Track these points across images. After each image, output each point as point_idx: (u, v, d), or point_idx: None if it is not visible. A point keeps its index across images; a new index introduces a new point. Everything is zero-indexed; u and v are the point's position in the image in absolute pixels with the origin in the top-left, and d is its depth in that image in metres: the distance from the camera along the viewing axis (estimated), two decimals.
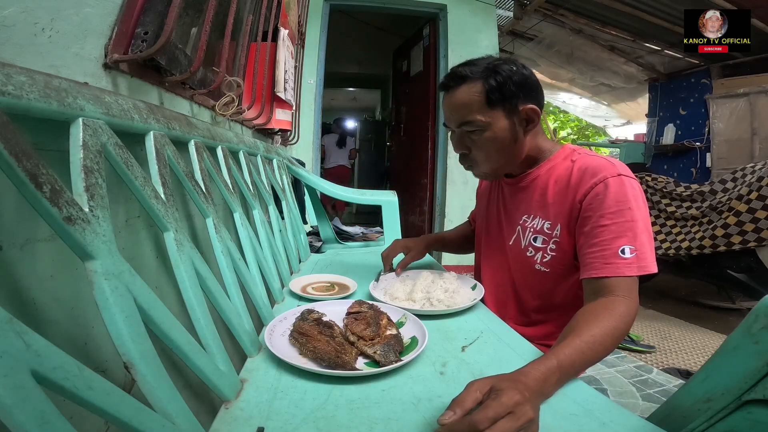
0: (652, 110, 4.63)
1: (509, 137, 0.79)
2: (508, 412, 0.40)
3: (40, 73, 0.35)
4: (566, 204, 0.77)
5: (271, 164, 1.31)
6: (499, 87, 0.76)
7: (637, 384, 1.70)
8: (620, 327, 0.61)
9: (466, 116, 0.78)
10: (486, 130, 0.78)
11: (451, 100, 0.80)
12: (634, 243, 0.68)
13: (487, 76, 0.76)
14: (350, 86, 7.04)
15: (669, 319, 2.47)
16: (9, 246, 0.36)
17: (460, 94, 0.78)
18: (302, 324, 0.63)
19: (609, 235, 0.70)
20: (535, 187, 0.84)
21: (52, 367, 0.27)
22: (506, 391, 0.42)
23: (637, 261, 0.68)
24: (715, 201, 2.23)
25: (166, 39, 0.59)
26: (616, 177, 0.72)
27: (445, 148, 3.20)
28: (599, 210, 0.72)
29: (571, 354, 0.54)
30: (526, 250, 0.85)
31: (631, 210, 0.70)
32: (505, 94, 0.76)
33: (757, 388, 0.37)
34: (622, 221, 0.70)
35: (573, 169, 0.78)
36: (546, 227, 0.81)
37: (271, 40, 1.24)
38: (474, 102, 0.77)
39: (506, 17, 3.78)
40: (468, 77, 0.77)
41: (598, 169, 0.74)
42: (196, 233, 0.72)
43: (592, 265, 0.70)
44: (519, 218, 0.87)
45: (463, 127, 0.80)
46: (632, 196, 0.71)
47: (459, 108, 0.79)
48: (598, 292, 0.68)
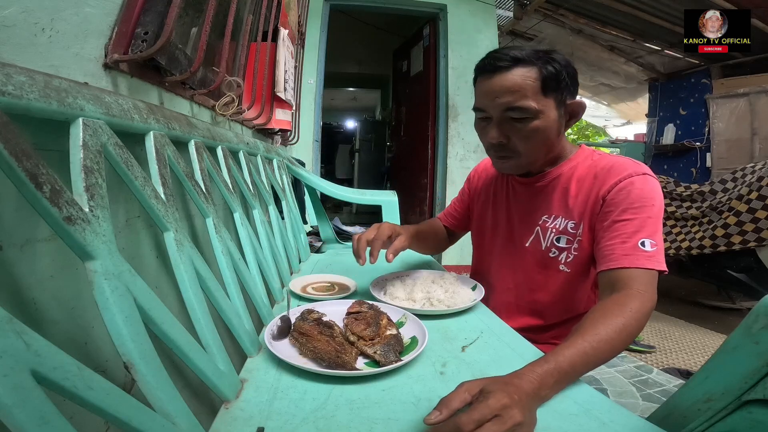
0: (652, 110, 4.63)
1: (555, 129, 0.76)
2: (495, 415, 0.40)
3: (40, 73, 0.35)
4: (590, 201, 0.76)
5: (271, 164, 1.31)
6: (556, 75, 0.72)
7: (637, 384, 1.70)
8: (631, 325, 0.58)
9: (518, 100, 0.71)
10: (536, 118, 0.72)
11: (502, 81, 0.72)
12: (654, 237, 0.68)
13: (545, 62, 0.72)
14: (350, 86, 7.04)
15: (669, 319, 2.47)
16: (9, 246, 0.36)
17: (514, 76, 0.71)
18: (302, 324, 0.63)
19: (630, 229, 0.69)
20: (555, 186, 0.82)
21: (52, 367, 0.27)
22: (494, 394, 0.42)
23: (656, 255, 0.67)
24: (715, 201, 2.23)
25: (166, 39, 0.59)
26: (641, 175, 0.73)
27: (445, 148, 3.20)
28: (623, 204, 0.71)
29: (571, 356, 0.52)
30: (549, 251, 0.82)
31: (654, 207, 0.70)
32: (560, 84, 0.73)
33: (757, 388, 0.37)
34: (644, 216, 0.70)
35: (597, 167, 0.78)
36: (570, 227, 0.79)
37: (271, 40, 1.24)
38: (528, 87, 0.71)
39: (506, 17, 3.78)
40: (523, 60, 0.71)
41: (625, 166, 0.74)
42: (196, 233, 0.72)
43: (611, 256, 0.69)
44: (537, 219, 0.84)
45: (510, 113, 0.73)
46: (657, 195, 0.71)
47: (509, 91, 0.72)
48: (614, 286, 0.66)
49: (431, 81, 3.27)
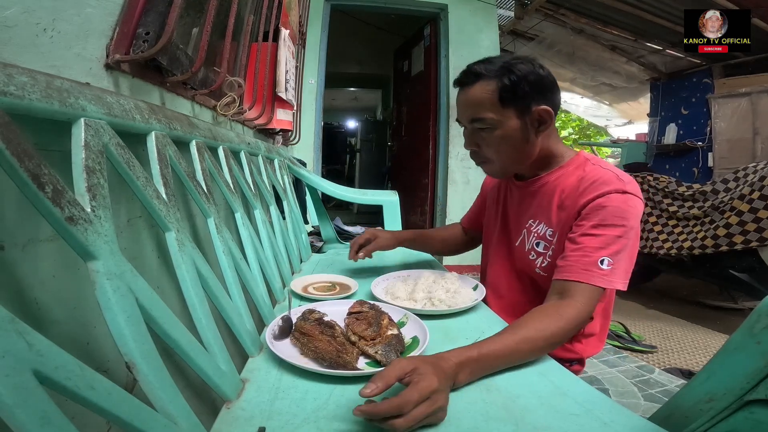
0: (653, 110, 4.61)
1: (520, 137, 0.78)
2: (427, 398, 0.45)
3: (41, 74, 0.35)
4: (568, 212, 0.78)
5: (273, 164, 1.31)
6: (512, 86, 0.75)
7: (639, 384, 1.69)
8: (559, 334, 0.63)
9: (477, 113, 0.78)
10: (496, 128, 0.77)
11: (465, 96, 0.79)
12: (613, 257, 0.69)
13: (502, 74, 0.75)
14: (351, 86, 7.04)
15: (671, 318, 2.46)
16: (11, 246, 0.36)
17: (474, 91, 0.77)
18: (303, 324, 0.63)
19: (595, 244, 0.70)
20: (543, 193, 0.84)
21: (54, 366, 0.27)
22: (427, 376, 0.46)
23: (609, 274, 0.69)
24: (717, 201, 2.22)
25: (167, 39, 0.59)
26: (621, 194, 0.72)
27: (446, 148, 3.20)
28: (594, 219, 0.72)
29: (495, 350, 0.56)
30: (529, 254, 0.85)
31: (625, 228, 0.71)
32: (518, 94, 0.75)
33: (759, 388, 0.37)
34: (612, 235, 0.70)
35: (583, 179, 0.78)
36: (548, 234, 0.82)
37: (272, 40, 1.24)
38: (486, 100, 0.76)
39: (507, 17, 3.78)
40: (483, 75, 0.77)
41: (607, 182, 0.74)
42: (198, 233, 0.72)
43: (570, 268, 0.71)
44: (526, 221, 0.87)
45: (474, 124, 0.80)
46: (631, 216, 0.71)
47: (471, 105, 0.78)
48: (563, 293, 0.70)
49: (432, 81, 3.27)
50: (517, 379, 0.57)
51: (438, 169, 3.27)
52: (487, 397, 0.52)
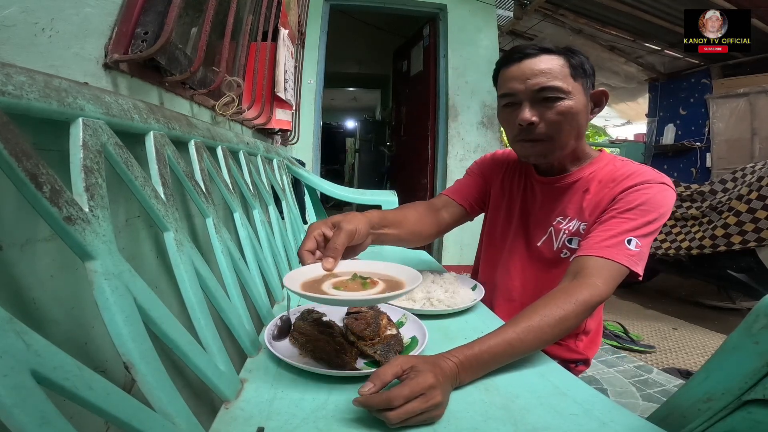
0: (652, 110, 4.63)
1: (583, 113, 0.78)
2: (421, 394, 0.44)
3: (40, 73, 0.35)
4: (603, 202, 0.77)
5: (271, 164, 1.31)
6: (580, 64, 0.76)
7: (637, 384, 1.70)
8: (569, 318, 0.60)
9: (550, 81, 0.74)
10: (566, 99, 0.75)
11: (532, 65, 0.76)
12: (642, 240, 0.69)
13: (566, 52, 0.76)
14: (350, 86, 7.04)
15: (669, 318, 2.47)
16: (9, 246, 0.36)
17: (543, 61, 0.76)
18: (302, 324, 0.63)
19: (625, 226, 0.70)
20: (576, 189, 0.83)
21: (52, 367, 0.27)
22: (423, 374, 0.46)
23: (636, 255, 0.68)
24: (715, 201, 2.23)
25: (166, 39, 0.59)
26: (660, 184, 0.74)
27: (445, 148, 3.19)
28: (629, 205, 0.72)
29: (495, 345, 0.55)
30: (560, 252, 0.83)
31: (658, 215, 0.71)
32: (585, 71, 0.77)
33: (757, 388, 0.37)
34: (644, 220, 0.70)
35: (618, 172, 0.79)
36: (582, 228, 0.80)
37: (271, 40, 1.23)
38: (557, 71, 0.75)
39: (506, 17, 3.78)
40: (550, 50, 0.76)
41: (646, 173, 0.76)
42: (196, 233, 0.72)
43: (592, 245, 0.69)
44: (552, 219, 0.85)
45: (544, 93, 0.75)
46: (666, 205, 0.72)
47: (542, 73, 0.75)
48: (578, 273, 0.67)
49: (431, 81, 3.27)
50: (517, 379, 0.57)
51: (437, 169, 3.27)
52: (486, 397, 0.52)
